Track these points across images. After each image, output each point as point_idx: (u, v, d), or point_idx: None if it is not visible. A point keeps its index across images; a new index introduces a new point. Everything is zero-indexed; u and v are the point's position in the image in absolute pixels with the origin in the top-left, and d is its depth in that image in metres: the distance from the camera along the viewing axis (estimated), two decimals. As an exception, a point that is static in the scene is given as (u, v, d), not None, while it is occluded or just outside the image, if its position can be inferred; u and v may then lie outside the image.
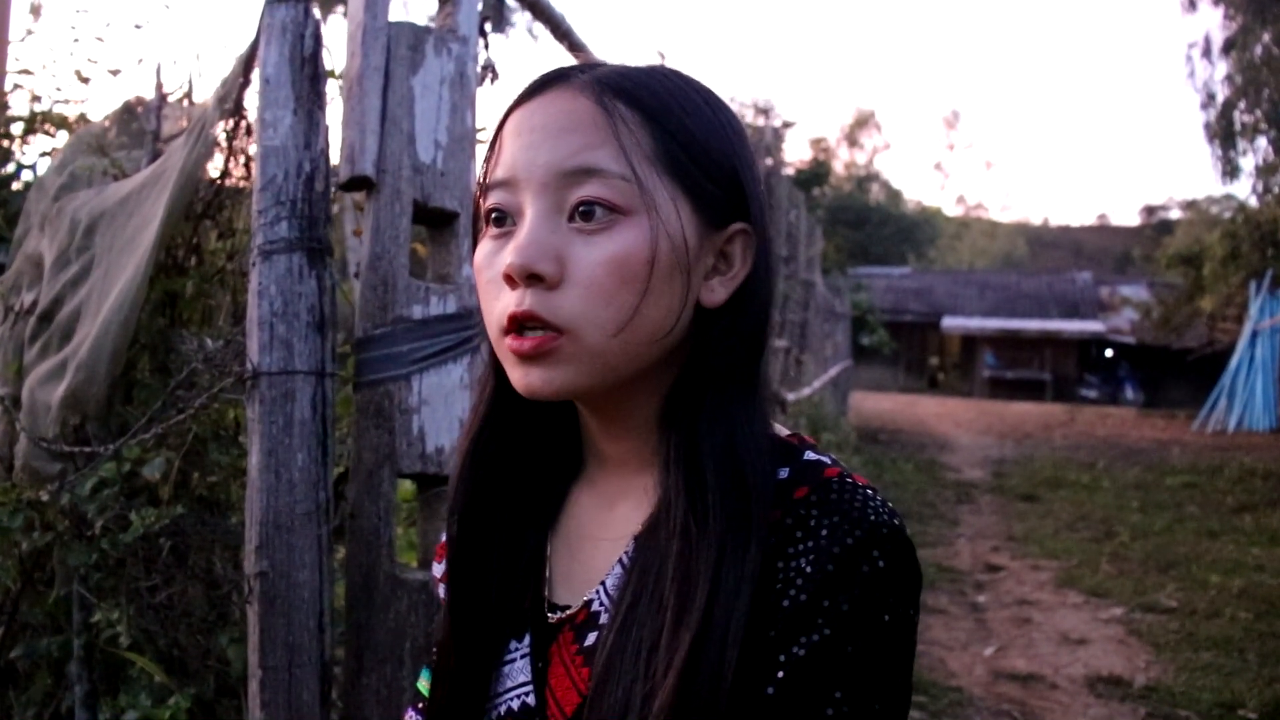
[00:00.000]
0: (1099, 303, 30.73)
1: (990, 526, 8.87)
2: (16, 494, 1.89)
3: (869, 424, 16.92)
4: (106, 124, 2.65)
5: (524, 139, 0.82)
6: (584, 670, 0.86)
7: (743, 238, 0.86)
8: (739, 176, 0.85)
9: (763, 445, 0.84)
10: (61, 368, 1.96)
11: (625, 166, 0.79)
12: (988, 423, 19.45)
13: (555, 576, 0.95)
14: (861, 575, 0.75)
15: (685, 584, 0.78)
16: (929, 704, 4.41)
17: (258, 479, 1.49)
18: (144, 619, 1.75)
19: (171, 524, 1.67)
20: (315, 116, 1.62)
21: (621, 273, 0.79)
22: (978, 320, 30.69)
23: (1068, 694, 4.64)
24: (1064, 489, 10.95)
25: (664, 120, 0.81)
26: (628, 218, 0.79)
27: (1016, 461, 13.52)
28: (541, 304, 0.79)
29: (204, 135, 1.81)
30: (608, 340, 0.80)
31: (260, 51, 1.62)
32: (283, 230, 1.54)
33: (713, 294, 0.85)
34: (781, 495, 0.81)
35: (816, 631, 0.75)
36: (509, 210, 0.83)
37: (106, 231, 1.98)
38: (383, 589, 1.57)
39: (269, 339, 1.51)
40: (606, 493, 0.94)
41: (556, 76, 0.84)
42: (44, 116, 3.78)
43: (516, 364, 0.83)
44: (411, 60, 1.71)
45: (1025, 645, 5.37)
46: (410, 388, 1.63)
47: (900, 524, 0.79)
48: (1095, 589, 6.56)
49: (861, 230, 38.93)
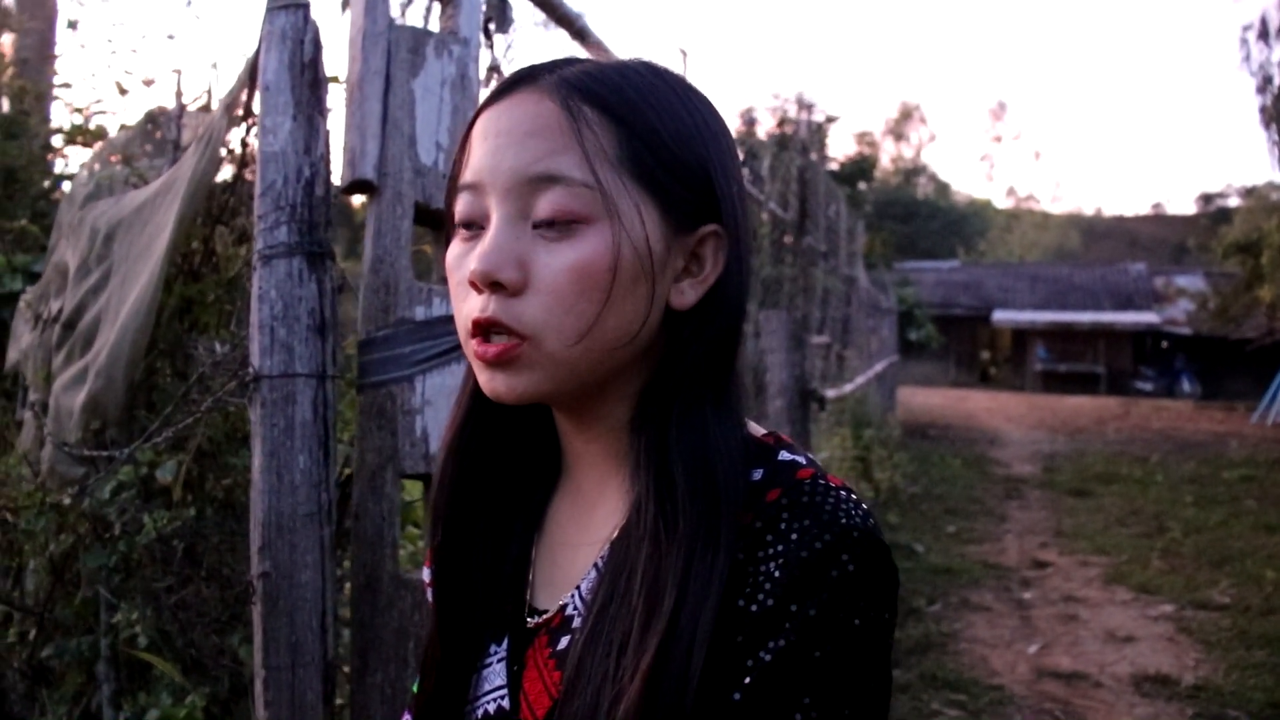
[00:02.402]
0: (1154, 294, 30.17)
1: (1039, 522, 8.75)
2: (40, 497, 1.93)
3: (917, 419, 16.77)
4: (131, 133, 2.70)
5: (490, 143, 0.81)
6: (556, 674, 0.86)
7: (714, 239, 0.85)
8: (710, 178, 0.83)
9: (735, 447, 0.83)
10: (83, 374, 2.00)
11: (588, 173, 0.78)
12: (1039, 417, 19.18)
13: (537, 581, 0.95)
14: (830, 580, 0.74)
15: (654, 588, 0.77)
16: (968, 703, 4.36)
17: (260, 481, 1.50)
18: (161, 619, 1.78)
19: (185, 526, 1.70)
20: (315, 121, 1.63)
21: (583, 281, 0.78)
22: (1029, 313, 30.27)
23: (1112, 693, 4.56)
24: (1116, 484, 10.77)
25: (631, 122, 0.80)
26: (590, 225, 0.78)
27: (1068, 456, 13.33)
28: (504, 311, 0.79)
29: (213, 142, 1.84)
30: (569, 347, 0.80)
31: (260, 58, 1.64)
32: (282, 235, 1.55)
33: (683, 296, 0.84)
34: (753, 498, 0.80)
35: (783, 637, 0.74)
36: (475, 214, 0.83)
37: (124, 239, 2.02)
38: (387, 589, 1.58)
39: (270, 342, 1.53)
40: (585, 496, 0.94)
41: (524, 77, 0.83)
42: (81, 129, 3.86)
43: (483, 368, 0.83)
44: (412, 63, 1.72)
45: (1070, 643, 5.29)
46: (413, 389, 1.64)
47: (873, 526, 0.78)
48: (1145, 585, 6.45)
49: (909, 224, 38.60)
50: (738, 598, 0.76)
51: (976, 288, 32.74)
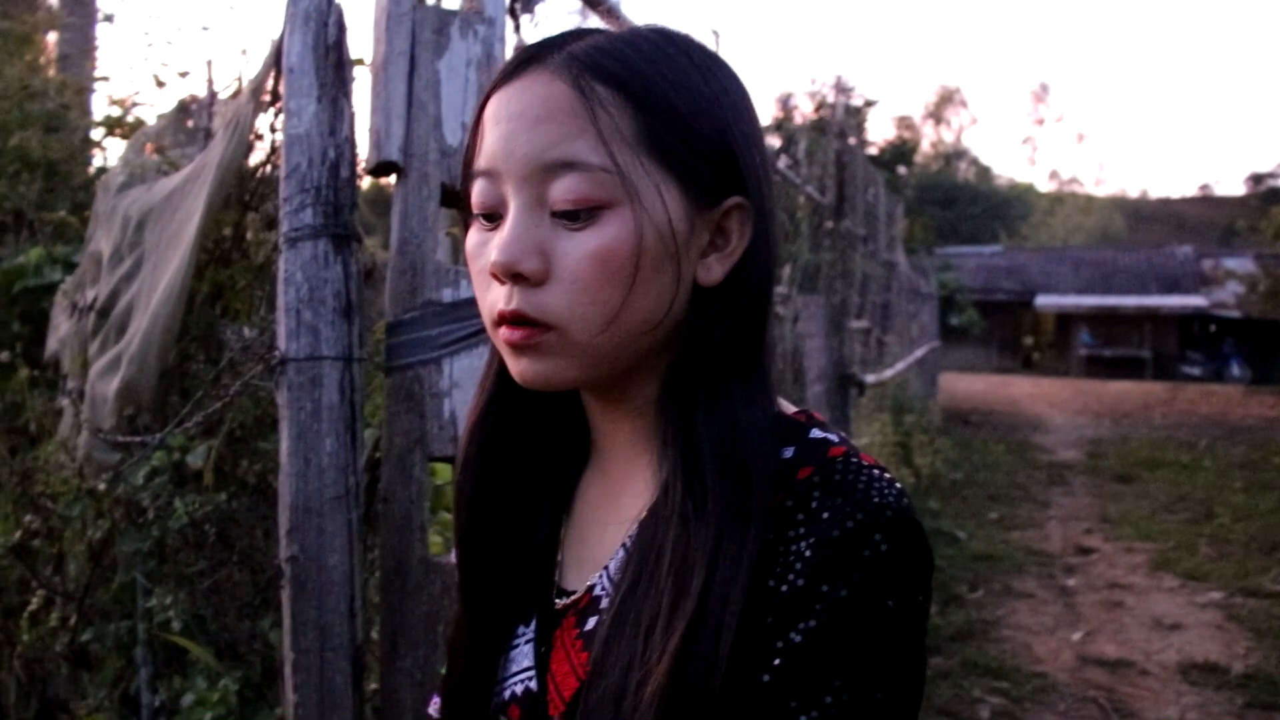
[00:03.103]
0: (1201, 276, 29.64)
1: (1083, 508, 8.64)
2: (77, 484, 1.95)
3: (959, 405, 16.62)
4: (163, 123, 2.72)
5: (502, 128, 0.79)
6: (583, 655, 0.85)
7: (739, 212, 0.82)
8: (732, 149, 0.81)
9: (765, 425, 0.81)
10: (117, 361, 2.01)
11: (605, 156, 0.76)
12: (1083, 402, 18.93)
13: (566, 562, 0.94)
14: (862, 560, 0.72)
15: (682, 570, 0.76)
16: (1011, 690, 4.31)
17: (288, 464, 1.50)
18: (195, 604, 1.79)
19: (216, 510, 1.71)
20: (340, 104, 1.62)
21: (606, 267, 0.76)
22: (1073, 298, 29.89)
23: (1159, 681, 4.48)
24: (1162, 469, 10.60)
25: (646, 98, 0.77)
26: (611, 210, 0.76)
27: (1113, 441, 13.14)
28: (528, 302, 0.78)
29: (240, 127, 1.84)
30: (595, 336, 0.78)
31: (285, 41, 1.63)
32: (307, 217, 1.54)
33: (709, 272, 0.82)
34: (784, 476, 0.78)
35: (814, 618, 0.72)
36: (493, 202, 0.81)
37: (154, 227, 2.03)
38: (416, 573, 1.57)
39: (296, 325, 1.52)
40: (613, 476, 0.93)
41: (532, 56, 0.81)
42: (119, 122, 3.90)
43: (510, 353, 0.82)
44: (436, 44, 1.71)
45: (1115, 630, 5.21)
46: (441, 371, 1.63)
47: (907, 505, 0.76)
48: (1192, 572, 6.33)
49: (950, 209, 38.23)
50: (768, 578, 0.75)
51: (1019, 272, 32.37)
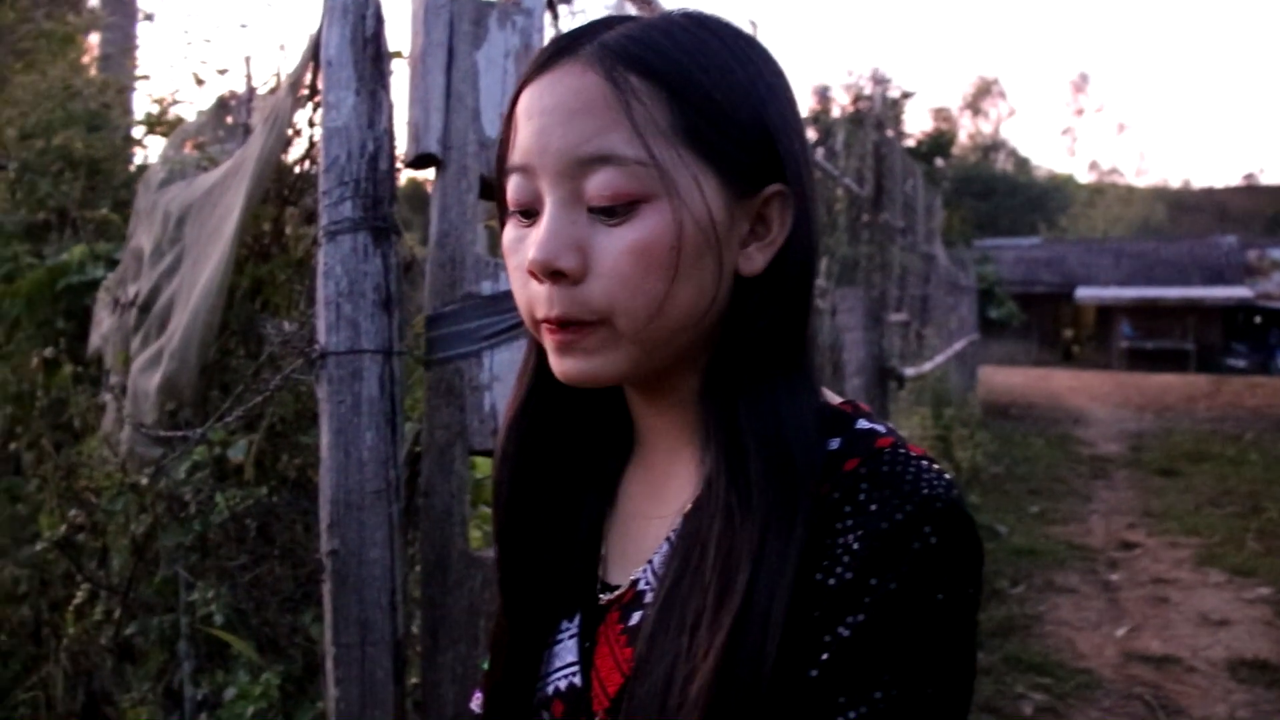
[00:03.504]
0: (1246, 267, 29.16)
1: (1125, 502, 8.52)
2: (119, 479, 1.97)
3: (999, 399, 16.46)
4: (203, 119, 2.73)
5: (535, 123, 0.77)
6: (627, 650, 0.83)
7: (780, 199, 0.80)
8: (771, 135, 0.79)
9: (809, 417, 0.79)
10: (158, 356, 2.03)
11: (641, 149, 0.74)
12: (1125, 395, 18.69)
13: (609, 556, 0.93)
14: (911, 553, 0.71)
15: (727, 565, 0.74)
16: (1054, 686, 4.25)
17: (328, 458, 1.50)
18: (236, 598, 1.79)
19: (257, 504, 1.71)
20: (378, 96, 1.62)
21: (646, 261, 0.75)
22: (1113, 290, 29.50)
23: (1206, 678, 4.41)
24: (1207, 462, 10.43)
25: (681, 88, 0.76)
26: (648, 203, 0.75)
27: (1155, 435, 12.96)
28: (570, 302, 0.76)
29: (279, 122, 1.84)
30: (640, 330, 0.77)
31: (323, 34, 1.63)
32: (347, 210, 1.54)
33: (751, 262, 0.81)
34: (830, 468, 0.77)
35: (863, 612, 0.71)
36: (528, 197, 0.79)
37: (194, 222, 2.04)
38: (457, 567, 1.57)
39: (335, 319, 1.52)
40: (656, 469, 0.91)
41: (564, 48, 0.79)
42: (160, 120, 3.93)
43: (554, 352, 0.80)
44: (474, 35, 1.70)
45: (1161, 626, 5.13)
46: (481, 364, 1.62)
47: (957, 496, 0.74)
48: (1239, 567, 6.22)
49: (988, 201, 37.85)
50: (815, 571, 0.73)
51: (1058, 264, 32.02)
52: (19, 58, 4.97)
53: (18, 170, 3.60)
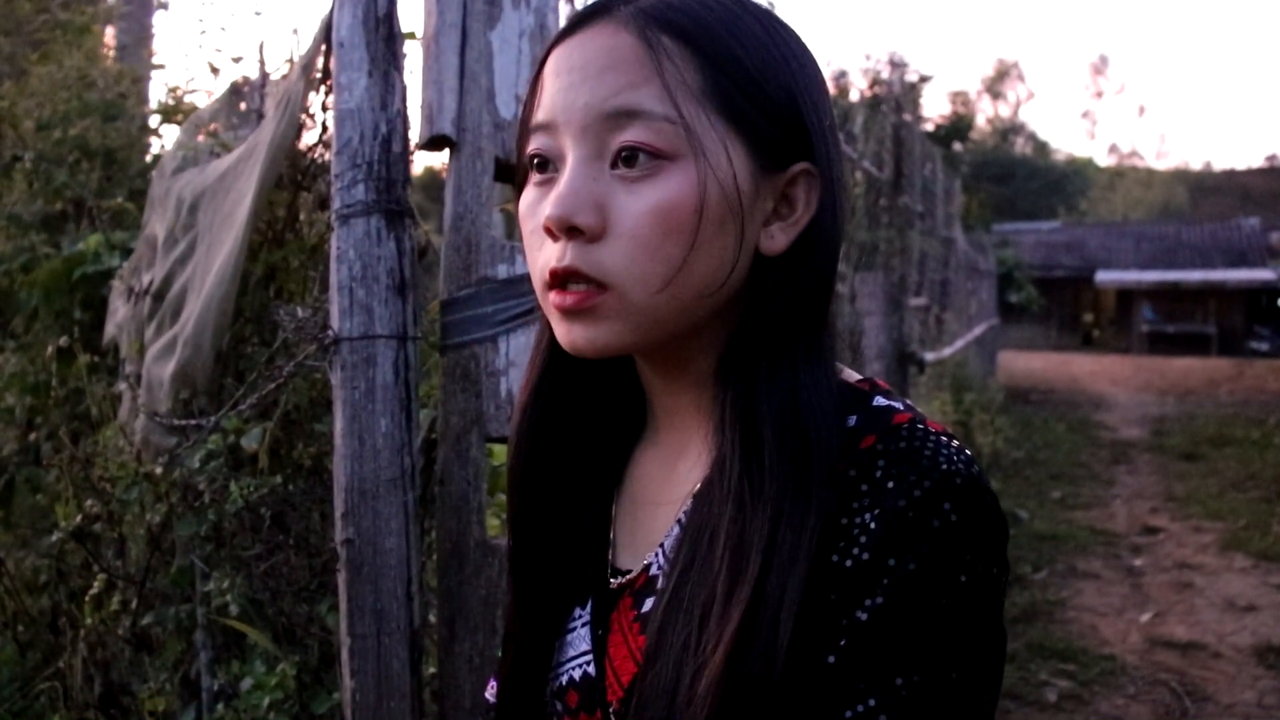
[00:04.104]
0: (1268, 249, 28.84)
1: (1148, 487, 8.45)
2: (134, 468, 1.95)
3: (1019, 383, 16.37)
4: (217, 106, 2.71)
5: (563, 79, 0.76)
6: (640, 639, 0.81)
7: (806, 179, 0.79)
8: (800, 112, 0.77)
9: (827, 400, 0.77)
10: (172, 344, 2.01)
11: (670, 107, 0.72)
12: (1146, 379, 18.55)
13: (619, 540, 0.91)
14: (931, 531, 0.68)
15: (737, 553, 0.72)
16: (1079, 673, 4.21)
17: (342, 446, 1.48)
18: (252, 587, 1.78)
19: (272, 493, 1.69)
20: (391, 77, 1.59)
21: (667, 223, 0.73)
22: (1134, 273, 29.27)
23: (1233, 664, 4.35)
24: (1230, 446, 10.33)
25: (714, 53, 0.74)
26: (674, 163, 0.73)
27: (1178, 419, 12.85)
28: (583, 258, 0.74)
29: (291, 105, 1.81)
30: (653, 295, 0.74)
31: (334, 15, 1.60)
32: (360, 193, 1.51)
33: (773, 241, 0.79)
34: (847, 445, 0.74)
35: (881, 594, 0.68)
36: (550, 155, 0.78)
37: (208, 209, 2.02)
38: (473, 556, 1.54)
39: (349, 304, 1.50)
40: (668, 450, 0.89)
41: (598, 9, 0.78)
42: (175, 109, 3.91)
43: (560, 319, 0.78)
44: (489, 15, 1.67)
45: (1185, 611, 5.08)
46: (497, 349, 1.60)
47: (978, 472, 0.71)
48: (1265, 552, 6.15)
49: (1007, 185, 37.57)
50: (831, 553, 0.71)
51: (1078, 248, 31.79)
52: (35, 48, 4.96)
53: (34, 161, 3.59)
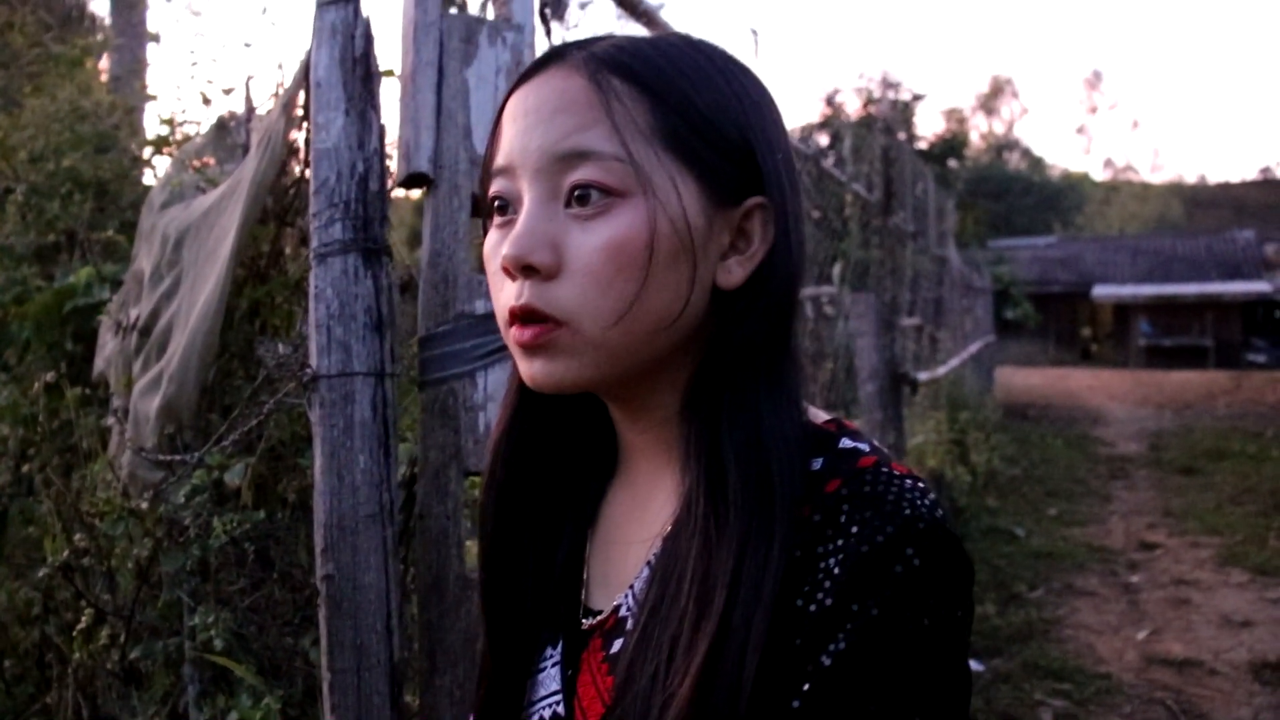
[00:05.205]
0: (1264, 261, 28.94)
1: (1145, 502, 8.45)
2: (120, 503, 1.96)
3: (1017, 400, 16.38)
4: (205, 140, 2.73)
5: (519, 124, 0.79)
6: (609, 679, 0.82)
7: (761, 213, 0.81)
8: (752, 147, 0.79)
9: (790, 435, 0.78)
10: (158, 379, 2.02)
11: (619, 146, 0.74)
12: (1144, 393, 18.56)
13: (592, 579, 0.92)
14: (893, 576, 0.69)
15: (704, 589, 0.73)
16: (1074, 692, 4.21)
17: (321, 482, 1.49)
18: (237, 621, 1.79)
19: (255, 528, 1.70)
20: (368, 117, 1.61)
21: (618, 259, 0.74)
22: (1130, 287, 29.33)
23: (1229, 681, 4.35)
24: (1228, 460, 10.33)
25: (664, 93, 0.76)
26: (625, 200, 0.75)
27: (1175, 433, 12.86)
28: (539, 296, 0.76)
29: (273, 143, 1.83)
30: (607, 330, 0.76)
31: (312, 55, 1.62)
32: (337, 232, 1.53)
33: (730, 275, 0.80)
34: (812, 489, 0.75)
35: (844, 639, 0.69)
36: (509, 198, 0.80)
37: (192, 245, 2.04)
38: (453, 589, 1.55)
39: (327, 341, 1.51)
40: (640, 489, 0.90)
41: (552, 55, 0.81)
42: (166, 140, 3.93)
43: (521, 355, 0.80)
44: (464, 53, 1.69)
45: (1182, 628, 5.08)
46: (475, 384, 1.61)
47: (941, 517, 0.73)
48: (1262, 567, 6.15)
49: (1002, 201, 37.62)
50: (796, 597, 0.72)
51: (1074, 263, 31.87)
52: (29, 80, 4.99)
53: (26, 193, 3.61)
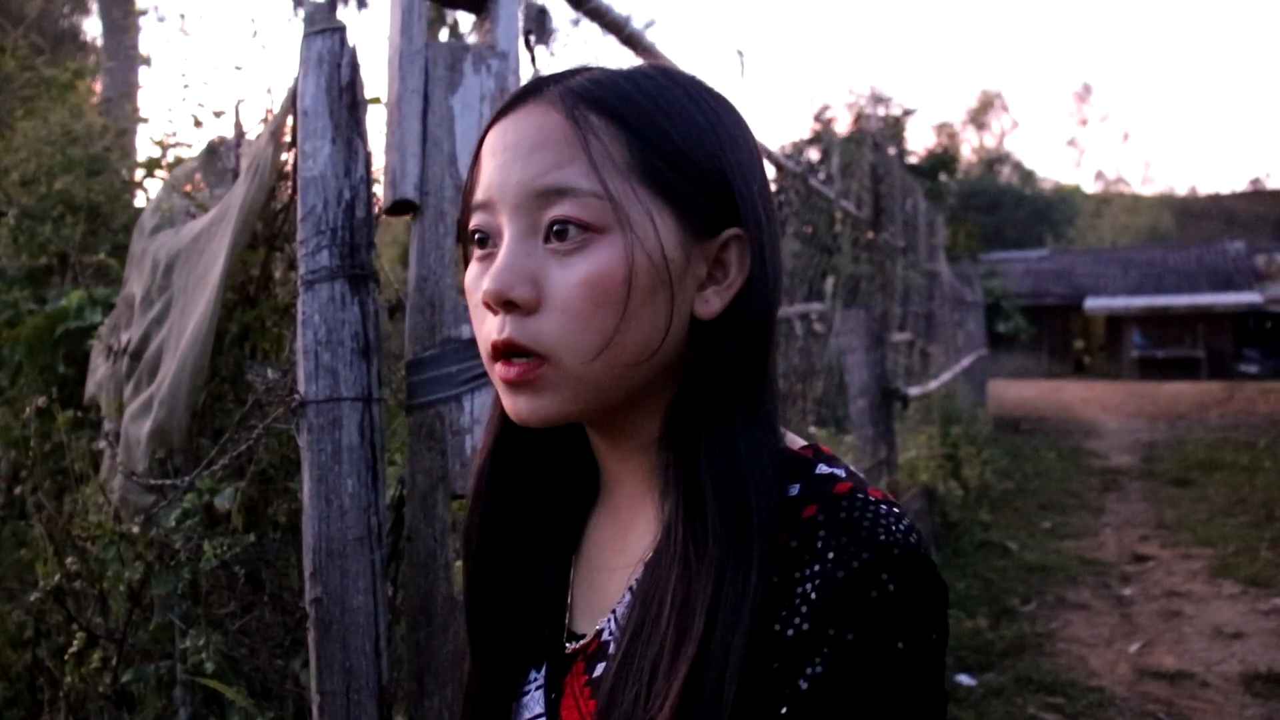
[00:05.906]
0: (1255, 272, 29.04)
1: (1138, 514, 8.47)
2: (111, 527, 1.97)
3: (1009, 413, 16.41)
4: (195, 164, 2.75)
5: (498, 159, 0.80)
6: (591, 704, 0.84)
7: (737, 244, 0.82)
8: (728, 179, 0.80)
9: (767, 462, 0.79)
10: (149, 404, 2.03)
11: (596, 182, 0.76)
12: (1137, 405, 18.61)
13: (576, 604, 0.94)
14: (869, 601, 0.70)
15: (683, 614, 0.75)
16: (1066, 705, 4.22)
17: (309, 506, 1.50)
18: (228, 644, 1.79)
19: (246, 552, 1.71)
20: (354, 144, 1.63)
21: (597, 294, 0.76)
22: (1122, 299, 29.42)
23: (1221, 693, 4.36)
24: (1220, 471, 10.37)
25: (640, 127, 0.78)
26: (602, 236, 0.76)
27: (1168, 444, 12.89)
28: (520, 330, 0.77)
29: (261, 169, 1.85)
30: (587, 364, 0.78)
31: (299, 84, 1.64)
32: (324, 259, 1.55)
33: (707, 305, 0.82)
34: (789, 515, 0.77)
35: (821, 663, 0.70)
36: (489, 232, 0.81)
37: (182, 270, 2.05)
38: (441, 611, 1.57)
39: (314, 367, 1.53)
40: (621, 515, 0.92)
41: (530, 89, 0.82)
42: (158, 163, 3.95)
43: (505, 391, 0.82)
44: (450, 80, 1.71)
45: (1174, 640, 5.09)
46: (461, 408, 1.63)
47: (916, 541, 0.74)
48: (1254, 578, 6.17)
49: (994, 215, 37.69)
50: (774, 622, 0.73)
51: (1067, 276, 31.96)
52: (22, 103, 5.01)
53: (18, 216, 3.62)
